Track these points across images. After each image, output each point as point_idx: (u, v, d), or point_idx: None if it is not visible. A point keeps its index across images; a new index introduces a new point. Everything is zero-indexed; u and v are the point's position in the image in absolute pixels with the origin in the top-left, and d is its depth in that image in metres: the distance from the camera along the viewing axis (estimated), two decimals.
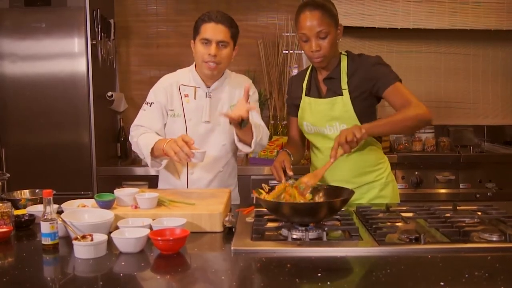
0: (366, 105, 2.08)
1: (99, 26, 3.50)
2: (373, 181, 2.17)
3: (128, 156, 3.95)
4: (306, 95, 2.18)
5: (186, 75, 2.29)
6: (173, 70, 2.37)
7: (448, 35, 3.91)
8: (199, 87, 2.26)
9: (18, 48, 3.38)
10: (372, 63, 2.07)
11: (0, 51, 3.38)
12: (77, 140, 3.42)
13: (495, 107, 4.10)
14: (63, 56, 3.38)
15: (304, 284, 1.28)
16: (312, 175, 1.86)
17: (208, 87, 2.26)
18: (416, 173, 3.47)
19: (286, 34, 3.98)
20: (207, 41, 2.14)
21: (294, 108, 2.26)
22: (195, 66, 2.28)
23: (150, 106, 2.26)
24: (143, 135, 2.20)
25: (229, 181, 2.37)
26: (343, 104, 2.06)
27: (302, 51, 3.94)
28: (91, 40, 3.39)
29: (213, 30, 2.13)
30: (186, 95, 2.26)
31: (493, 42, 4.01)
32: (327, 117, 2.10)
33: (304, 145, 2.36)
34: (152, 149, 2.10)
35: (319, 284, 1.27)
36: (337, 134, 2.07)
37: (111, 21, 3.76)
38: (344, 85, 2.07)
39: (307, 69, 2.25)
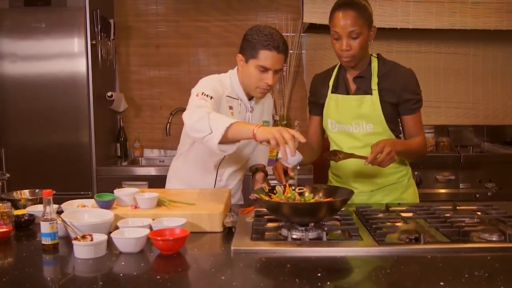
0: (391, 110, 2.11)
1: (99, 26, 3.50)
2: (395, 183, 2.17)
3: (128, 156, 3.96)
4: (332, 92, 2.17)
5: (230, 86, 2.18)
6: (173, 70, 2.36)
7: (447, 35, 3.90)
8: (241, 100, 2.19)
9: (18, 48, 3.38)
10: (406, 76, 2.12)
11: (0, 51, 3.38)
12: (77, 140, 3.42)
13: (495, 107, 4.10)
14: (63, 56, 3.38)
15: (304, 284, 1.28)
16: (345, 154, 1.97)
17: (249, 100, 2.21)
18: (416, 173, 3.47)
19: (286, 34, 3.98)
20: (264, 69, 2.05)
21: (316, 106, 2.24)
22: (237, 76, 2.18)
23: (211, 99, 2.00)
24: (214, 112, 1.89)
25: (237, 185, 2.39)
26: (372, 103, 2.06)
27: (303, 51, 3.94)
28: (91, 40, 3.39)
29: (273, 60, 2.03)
30: (230, 108, 2.17)
31: (493, 42, 4.01)
32: (354, 114, 2.10)
33: (319, 147, 2.33)
34: (228, 128, 1.78)
35: (319, 284, 1.27)
36: (363, 132, 2.10)
37: (111, 21, 3.76)
38: (374, 85, 2.08)
39: (333, 67, 2.23)
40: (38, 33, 3.36)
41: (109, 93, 3.69)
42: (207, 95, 1.99)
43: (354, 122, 2.11)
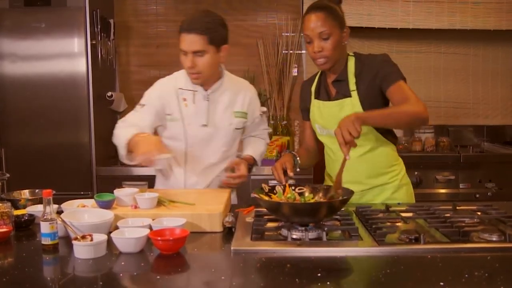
0: (375, 106, 2.06)
1: (99, 26, 3.50)
2: (386, 183, 2.15)
3: None
4: (315, 98, 2.18)
5: (183, 78, 2.22)
6: (173, 70, 2.36)
7: (447, 35, 3.91)
8: (197, 91, 2.20)
9: (18, 48, 3.38)
10: (378, 61, 2.06)
11: (0, 51, 3.38)
12: (77, 140, 3.42)
13: (495, 107, 4.10)
14: (63, 56, 3.38)
15: (304, 284, 1.28)
16: (337, 184, 1.83)
17: (206, 90, 2.21)
18: (416, 173, 3.47)
19: (286, 34, 3.98)
20: (184, 52, 2.07)
21: (306, 112, 2.26)
22: None
23: (142, 107, 2.21)
24: (125, 128, 2.12)
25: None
26: (352, 105, 2.05)
27: (303, 51, 3.94)
28: (91, 40, 3.39)
29: (186, 41, 2.05)
30: (184, 99, 2.20)
31: (493, 42, 4.01)
32: (336, 118, 2.08)
33: (317, 149, 2.33)
34: (129, 142, 2.00)
35: (319, 284, 1.27)
36: None
37: (111, 21, 3.76)
38: (353, 86, 2.06)
39: (317, 73, 2.25)
40: (38, 33, 3.36)
41: (109, 93, 3.69)
42: (140, 105, 2.21)
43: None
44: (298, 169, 2.11)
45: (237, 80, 2.35)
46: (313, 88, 2.20)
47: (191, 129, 2.21)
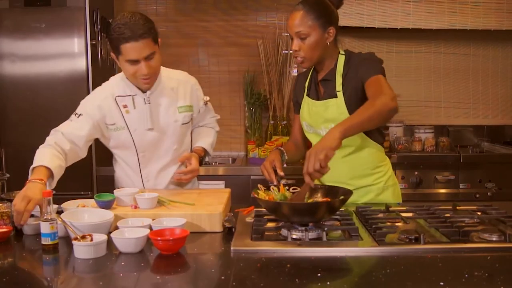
0: (362, 104, 2.05)
1: (99, 26, 3.50)
2: (370, 185, 2.12)
3: None
4: (306, 95, 2.18)
5: (120, 85, 2.16)
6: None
7: (447, 35, 3.91)
8: (136, 95, 2.14)
9: (18, 48, 3.37)
10: (361, 59, 2.02)
11: (0, 51, 3.38)
12: None
13: (495, 107, 4.11)
14: (63, 56, 3.38)
15: (304, 284, 1.28)
16: (298, 199, 1.79)
17: (144, 92, 2.14)
18: (415, 173, 3.47)
19: (286, 34, 3.98)
20: (133, 62, 1.98)
21: (298, 106, 2.24)
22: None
23: (78, 117, 2.12)
24: (46, 148, 2.04)
25: (188, 184, 2.32)
26: (337, 106, 2.03)
27: None
28: (91, 40, 3.39)
29: (136, 50, 1.95)
30: (124, 106, 2.14)
31: (493, 42, 4.01)
32: (322, 118, 2.08)
33: (305, 144, 2.33)
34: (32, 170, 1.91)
35: (319, 284, 1.27)
36: None
37: (111, 21, 3.75)
38: (339, 86, 2.03)
39: (311, 68, 2.24)
40: (38, 33, 3.36)
41: None
42: (76, 114, 2.13)
43: (323, 125, 2.08)
44: (285, 165, 2.08)
45: (174, 74, 2.28)
46: (306, 84, 2.20)
47: (138, 135, 2.16)
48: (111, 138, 2.20)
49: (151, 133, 2.17)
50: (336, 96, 2.04)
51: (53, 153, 2.00)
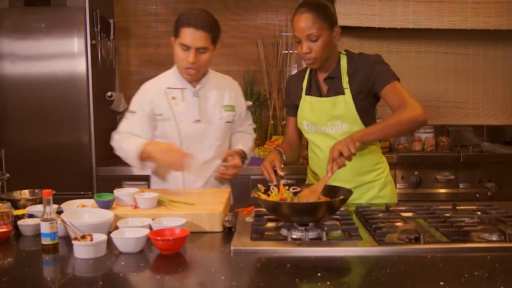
0: (366, 104, 2.08)
1: (99, 26, 3.50)
2: (372, 181, 2.16)
3: None
4: (306, 94, 2.18)
5: (170, 78, 2.26)
6: None
7: (448, 35, 3.91)
8: (185, 88, 2.23)
9: (18, 48, 3.37)
10: (371, 62, 2.06)
11: (0, 51, 3.38)
12: (77, 140, 3.42)
13: (495, 107, 4.10)
14: (63, 56, 3.38)
15: (304, 284, 1.28)
16: (311, 191, 1.83)
17: (194, 87, 2.24)
18: (415, 173, 3.48)
19: (286, 34, 3.98)
20: (186, 47, 2.10)
21: (292, 107, 2.26)
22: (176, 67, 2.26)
23: (133, 114, 2.25)
24: (127, 139, 2.21)
25: (222, 181, 2.35)
26: (345, 103, 2.06)
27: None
28: (91, 40, 3.39)
29: (192, 37, 2.07)
30: (173, 98, 2.22)
31: (493, 42, 4.02)
32: (328, 116, 2.10)
33: (300, 145, 2.35)
34: (141, 153, 2.11)
35: (319, 284, 1.27)
36: (339, 132, 2.08)
37: (111, 21, 3.76)
38: (346, 84, 2.06)
39: (306, 68, 2.25)
40: (38, 33, 3.36)
41: (109, 93, 3.69)
42: (130, 111, 2.26)
43: (330, 123, 2.10)
44: (282, 165, 2.10)
45: (222, 77, 2.38)
46: (304, 84, 2.20)
47: (184, 126, 2.22)
48: (157, 128, 2.27)
49: (197, 125, 2.23)
50: (343, 93, 2.06)
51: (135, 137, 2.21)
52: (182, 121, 2.22)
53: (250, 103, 2.51)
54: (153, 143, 2.13)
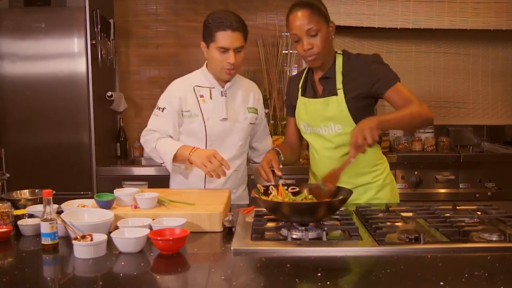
0: (363, 105, 2.06)
1: (99, 26, 3.50)
2: (369, 183, 2.14)
3: (128, 156, 3.96)
4: (301, 95, 2.18)
5: (198, 77, 2.33)
6: (173, 70, 2.38)
7: (448, 35, 3.91)
8: (214, 87, 2.30)
9: (18, 48, 3.38)
10: (369, 62, 2.05)
11: (0, 51, 3.38)
12: (77, 140, 3.42)
13: (495, 107, 4.10)
14: (63, 56, 3.38)
15: (304, 284, 1.28)
16: (332, 178, 1.83)
17: (222, 86, 2.30)
18: (415, 173, 3.48)
19: (286, 34, 3.98)
20: (224, 50, 2.17)
21: (291, 108, 2.26)
22: (206, 66, 2.32)
23: (162, 111, 2.28)
24: (161, 140, 2.24)
25: (241, 181, 2.40)
26: (337, 104, 2.04)
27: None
28: (91, 40, 3.39)
29: (231, 39, 2.15)
30: (201, 96, 2.29)
31: (493, 42, 4.02)
32: (321, 117, 2.09)
33: (300, 145, 2.36)
34: (175, 155, 2.16)
35: (319, 284, 1.27)
36: (332, 134, 2.07)
37: (111, 21, 3.76)
38: (339, 84, 2.05)
39: (304, 69, 2.25)
40: (38, 33, 3.36)
41: (109, 93, 3.69)
42: (159, 108, 2.30)
43: (323, 124, 2.09)
44: (281, 166, 2.10)
45: (246, 79, 2.46)
46: (300, 85, 2.21)
47: (210, 124, 2.27)
48: (184, 124, 2.31)
49: (223, 124, 2.28)
50: (336, 94, 2.05)
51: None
52: (209, 119, 2.27)
53: (267, 110, 2.55)
54: (198, 151, 2.14)
